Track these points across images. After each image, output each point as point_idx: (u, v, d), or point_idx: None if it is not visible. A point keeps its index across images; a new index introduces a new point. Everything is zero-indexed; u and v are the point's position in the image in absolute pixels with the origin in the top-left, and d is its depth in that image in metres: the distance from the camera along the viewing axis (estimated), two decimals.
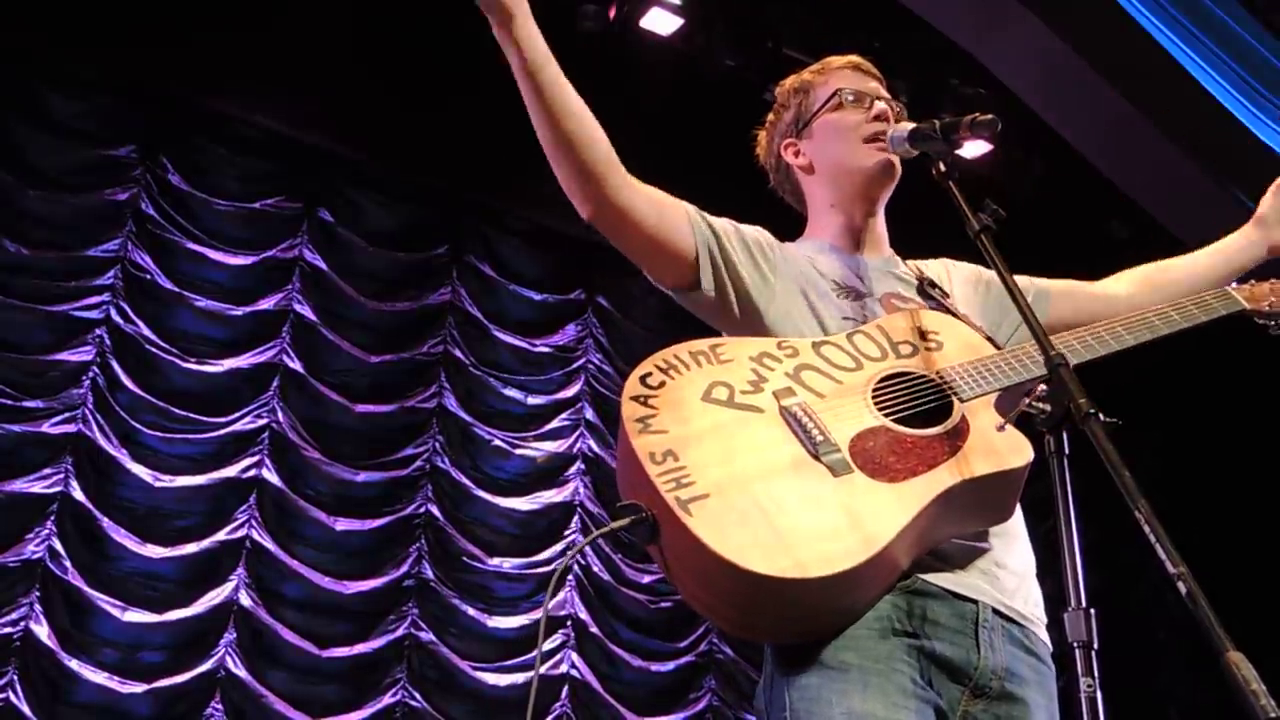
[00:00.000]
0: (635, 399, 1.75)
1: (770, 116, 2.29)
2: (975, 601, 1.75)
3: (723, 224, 2.03)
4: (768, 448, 1.71)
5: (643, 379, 1.79)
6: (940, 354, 1.88)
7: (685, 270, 1.97)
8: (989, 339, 1.95)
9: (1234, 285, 2.13)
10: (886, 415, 1.77)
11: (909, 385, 1.82)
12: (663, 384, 1.78)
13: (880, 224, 2.18)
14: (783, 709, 1.69)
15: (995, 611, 1.76)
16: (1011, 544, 1.85)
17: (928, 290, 2.08)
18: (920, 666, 1.69)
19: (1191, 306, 2.06)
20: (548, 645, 6.43)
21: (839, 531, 1.61)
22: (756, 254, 2.02)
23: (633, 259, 2.00)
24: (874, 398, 1.80)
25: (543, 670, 6.34)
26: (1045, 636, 1.84)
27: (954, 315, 2.00)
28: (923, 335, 1.91)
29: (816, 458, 1.69)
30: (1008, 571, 1.82)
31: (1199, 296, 2.09)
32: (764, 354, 1.85)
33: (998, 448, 1.73)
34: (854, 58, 2.24)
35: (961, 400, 1.79)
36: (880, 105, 2.11)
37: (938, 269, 2.20)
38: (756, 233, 2.07)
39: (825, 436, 1.72)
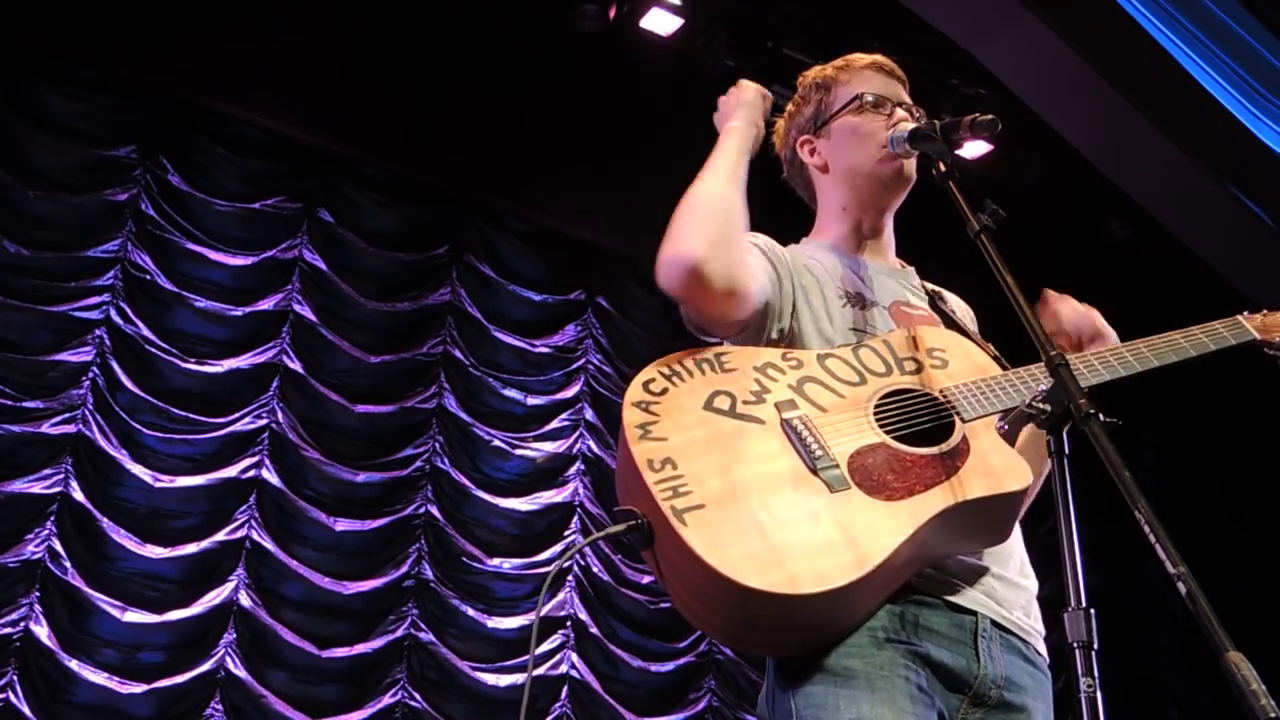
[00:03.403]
0: (637, 405, 1.74)
1: (790, 107, 2.26)
2: (974, 613, 1.75)
3: (772, 273, 1.96)
4: (766, 460, 1.70)
5: (645, 385, 1.78)
6: (944, 372, 1.87)
7: (735, 328, 1.92)
8: (995, 358, 1.94)
9: (1245, 314, 2.10)
10: (887, 432, 1.76)
11: (911, 403, 1.81)
12: (665, 391, 1.77)
13: (889, 231, 2.17)
14: (788, 716, 1.68)
15: (994, 623, 1.77)
16: (1009, 561, 1.85)
17: (938, 303, 2.08)
18: (921, 673, 1.69)
19: (1203, 336, 2.04)
20: (547, 646, 6.43)
21: (833, 548, 1.60)
22: (793, 285, 1.98)
23: (698, 318, 1.91)
24: (876, 414, 1.79)
25: (542, 671, 6.34)
26: (1043, 649, 1.84)
27: (963, 332, 1.99)
28: (928, 352, 1.90)
29: (814, 472, 1.68)
30: (1006, 584, 1.82)
31: (1210, 326, 2.07)
32: (768, 364, 1.84)
33: (996, 470, 1.72)
34: (879, 57, 2.21)
35: (964, 420, 1.78)
36: (900, 113, 2.09)
37: (949, 296, 2.19)
38: (774, 252, 2.02)
39: (824, 451, 1.71)
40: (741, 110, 2.09)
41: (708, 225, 1.84)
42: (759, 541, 1.60)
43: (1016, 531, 1.88)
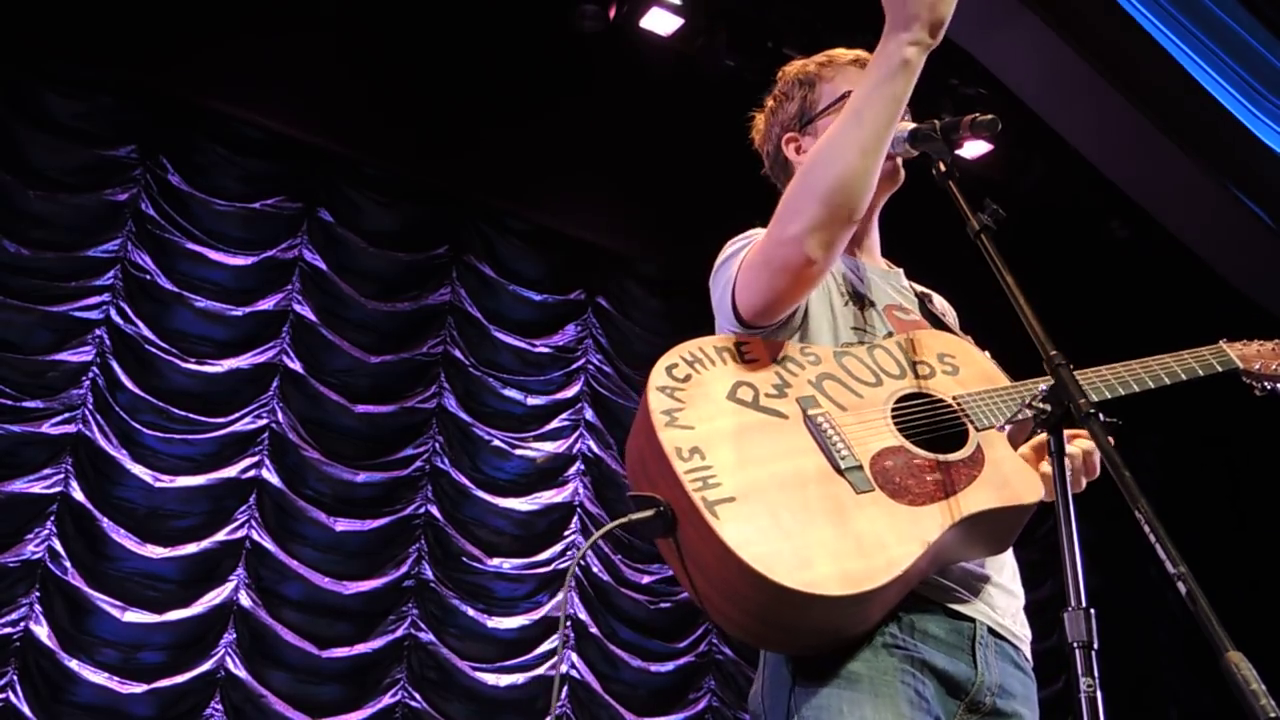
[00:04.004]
0: (662, 390, 1.72)
1: (770, 102, 2.22)
2: (973, 620, 1.76)
3: None
4: (792, 456, 1.70)
5: (669, 369, 1.76)
6: (956, 379, 1.87)
7: (778, 320, 1.88)
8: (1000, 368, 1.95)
9: (1226, 341, 2.14)
10: (905, 435, 1.76)
11: (926, 408, 1.81)
12: (689, 377, 1.76)
13: (875, 230, 2.17)
14: (788, 716, 1.68)
15: (990, 630, 1.78)
16: (1003, 569, 1.87)
17: (927, 305, 2.09)
18: (921, 680, 1.69)
19: (1191, 361, 2.07)
20: (547, 645, 6.43)
21: (864, 550, 1.61)
22: None
23: (765, 297, 1.82)
24: (893, 416, 1.79)
25: (542, 670, 6.34)
26: (1029, 654, 1.86)
27: (958, 335, 2.00)
28: (939, 358, 1.91)
29: (840, 472, 1.68)
30: (1001, 591, 1.84)
31: (1197, 352, 2.09)
32: (787, 358, 1.84)
33: (1011, 481, 1.73)
34: (861, 53, 2.17)
35: (977, 429, 1.79)
36: None
37: (937, 298, 2.20)
38: None
39: (849, 451, 1.71)
40: (921, 23, 1.72)
41: (839, 225, 1.74)
42: (789, 539, 1.59)
43: None
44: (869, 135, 1.74)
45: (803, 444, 1.72)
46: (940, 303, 2.19)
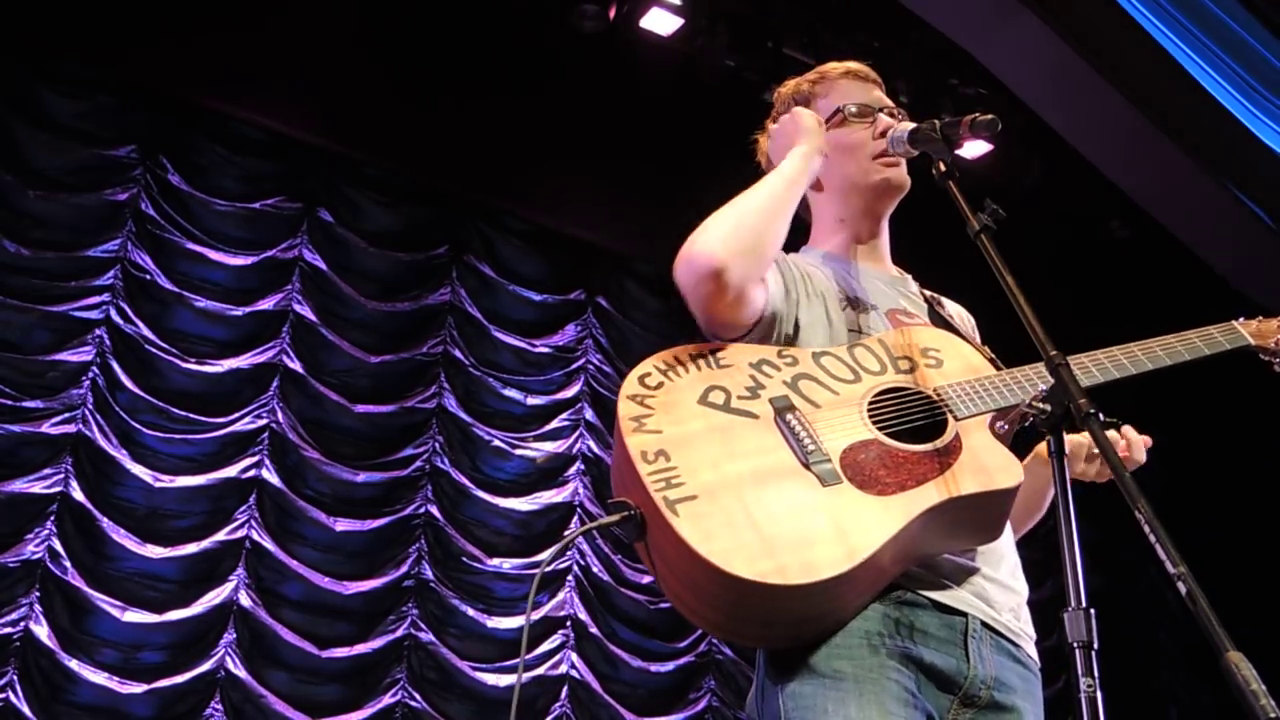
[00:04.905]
0: (632, 398, 1.77)
1: (770, 124, 2.26)
2: (964, 614, 1.76)
3: (780, 283, 1.95)
4: (759, 454, 1.72)
5: (641, 379, 1.80)
6: (939, 371, 1.88)
7: (738, 332, 1.91)
8: (991, 360, 1.94)
9: (1241, 320, 2.09)
10: (881, 429, 1.77)
11: (905, 400, 1.82)
12: (660, 385, 1.79)
13: (885, 238, 2.18)
14: (776, 716, 1.69)
15: (984, 624, 1.77)
16: (1000, 564, 1.86)
17: (936, 309, 2.09)
18: (912, 676, 1.70)
19: (1197, 340, 2.04)
20: (547, 646, 6.43)
21: (824, 540, 1.62)
22: (798, 292, 1.98)
23: (702, 311, 1.89)
24: (869, 411, 1.80)
25: (542, 670, 6.34)
26: (1034, 652, 1.85)
27: (957, 334, 2.00)
28: (923, 352, 1.91)
29: (807, 466, 1.70)
30: (998, 587, 1.83)
31: (1204, 330, 2.06)
32: (764, 361, 1.86)
33: (988, 467, 1.73)
34: (850, 64, 2.22)
35: (956, 418, 1.79)
36: (886, 120, 2.08)
37: (949, 303, 2.20)
38: (781, 260, 2.01)
39: (817, 446, 1.72)
40: (804, 136, 2.04)
41: (738, 234, 1.84)
42: (750, 532, 1.61)
43: (1009, 535, 1.89)
44: (766, 187, 1.95)
45: (771, 442, 1.74)
46: (952, 307, 2.19)
